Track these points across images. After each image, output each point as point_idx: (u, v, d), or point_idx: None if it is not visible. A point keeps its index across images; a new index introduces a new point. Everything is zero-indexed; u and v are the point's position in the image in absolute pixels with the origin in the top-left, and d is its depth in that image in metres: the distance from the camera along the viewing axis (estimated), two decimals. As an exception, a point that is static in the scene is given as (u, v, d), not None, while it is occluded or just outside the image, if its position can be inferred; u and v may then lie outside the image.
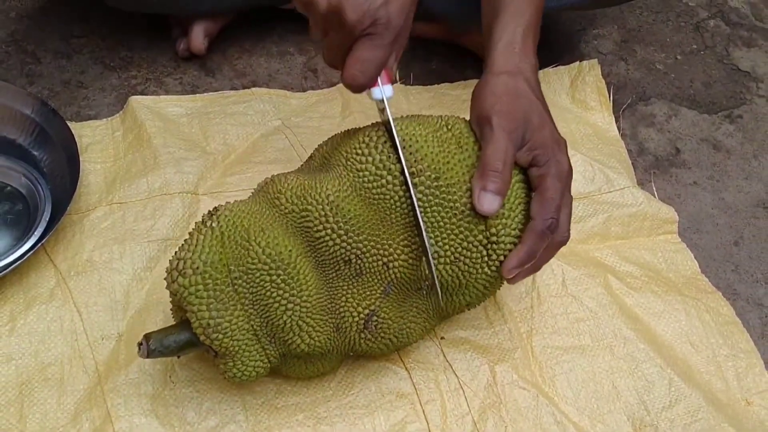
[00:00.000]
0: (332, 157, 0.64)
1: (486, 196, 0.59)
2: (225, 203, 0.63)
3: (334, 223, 0.59)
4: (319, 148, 0.68)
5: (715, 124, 1.05)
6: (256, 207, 0.62)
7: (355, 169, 0.60)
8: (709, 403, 0.74)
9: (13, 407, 0.65)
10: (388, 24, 0.56)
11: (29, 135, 0.83)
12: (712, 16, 1.22)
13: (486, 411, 0.70)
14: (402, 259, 0.61)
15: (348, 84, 0.58)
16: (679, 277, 0.84)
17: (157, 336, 0.60)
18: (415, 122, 0.63)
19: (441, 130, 0.62)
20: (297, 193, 0.61)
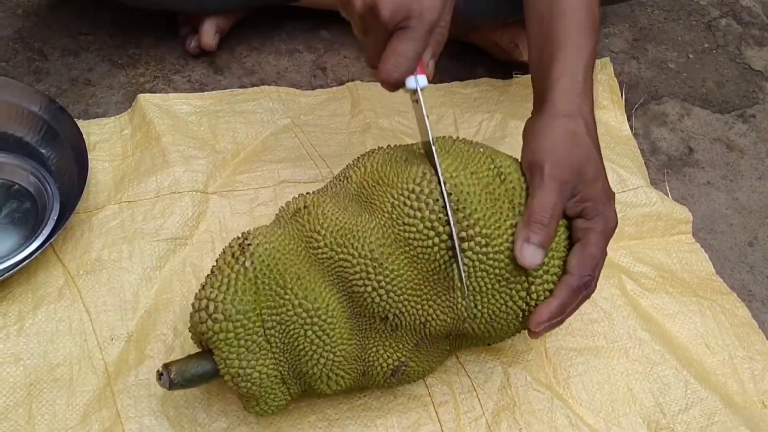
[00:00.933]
0: (375, 194, 0.60)
1: (529, 248, 0.57)
2: (254, 231, 0.59)
3: (375, 281, 0.57)
4: (356, 167, 0.63)
5: (728, 124, 1.04)
6: (291, 244, 0.59)
7: (402, 222, 0.57)
8: (726, 405, 0.73)
9: (21, 408, 0.64)
10: (421, 16, 0.55)
11: (37, 133, 0.82)
12: (723, 14, 1.21)
13: (500, 413, 0.69)
14: (440, 318, 0.59)
15: (383, 79, 0.56)
16: (694, 277, 0.83)
17: (179, 367, 0.58)
18: (464, 166, 0.59)
19: (494, 182, 0.59)
20: (338, 240, 0.58)
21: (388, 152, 0.64)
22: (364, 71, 1.01)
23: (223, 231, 0.77)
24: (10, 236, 0.75)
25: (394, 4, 0.54)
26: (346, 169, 0.65)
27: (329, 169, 0.84)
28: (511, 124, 0.93)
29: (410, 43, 0.55)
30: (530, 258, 0.57)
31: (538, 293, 0.59)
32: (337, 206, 0.60)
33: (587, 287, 0.60)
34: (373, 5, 0.55)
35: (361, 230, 0.58)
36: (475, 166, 0.59)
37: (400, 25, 0.55)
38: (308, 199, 0.62)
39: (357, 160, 0.65)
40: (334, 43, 1.04)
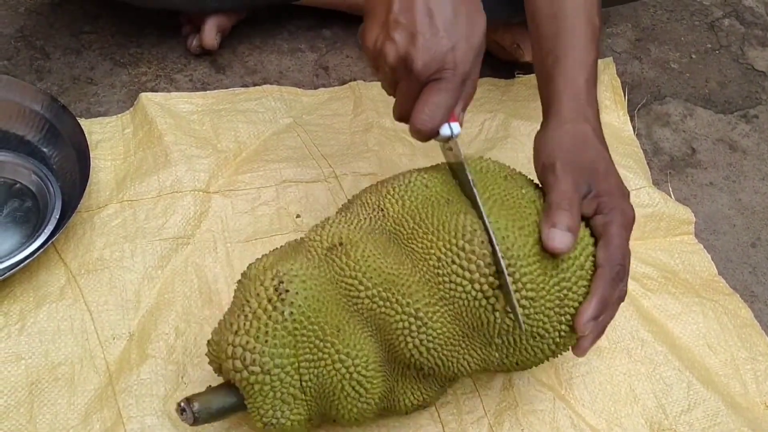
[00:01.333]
0: (416, 238, 0.57)
1: (557, 231, 0.56)
2: (289, 271, 0.55)
3: (417, 339, 0.55)
4: (392, 198, 0.60)
5: (730, 124, 1.04)
6: (330, 290, 0.56)
7: (450, 280, 0.55)
8: (728, 406, 0.73)
9: (23, 407, 0.64)
10: (455, 69, 0.55)
11: (39, 131, 0.82)
12: (726, 15, 1.20)
13: (502, 414, 0.69)
14: (472, 368, 0.59)
15: (416, 129, 0.56)
16: (696, 278, 0.83)
17: (203, 401, 0.55)
18: (513, 219, 0.57)
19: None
20: (381, 294, 0.55)
21: (425, 184, 0.61)
22: (366, 71, 1.00)
23: (225, 230, 0.77)
24: (11, 235, 0.75)
25: (428, 56, 0.54)
26: (377, 193, 0.61)
27: (331, 168, 0.84)
28: (514, 124, 0.93)
29: (444, 95, 0.55)
30: (559, 241, 0.56)
31: (566, 344, 0.60)
32: (376, 248, 0.57)
33: (621, 278, 0.59)
34: (406, 57, 0.54)
35: (406, 284, 0.55)
36: (522, 217, 0.58)
37: (434, 77, 0.55)
38: (343, 234, 0.58)
39: (390, 187, 0.61)
40: (337, 42, 1.04)
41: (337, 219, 0.61)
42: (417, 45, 0.54)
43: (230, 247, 0.76)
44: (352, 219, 0.60)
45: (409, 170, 0.63)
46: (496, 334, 0.57)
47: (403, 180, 0.61)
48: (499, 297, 0.55)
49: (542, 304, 0.56)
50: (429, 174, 0.62)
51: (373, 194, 0.62)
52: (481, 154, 0.89)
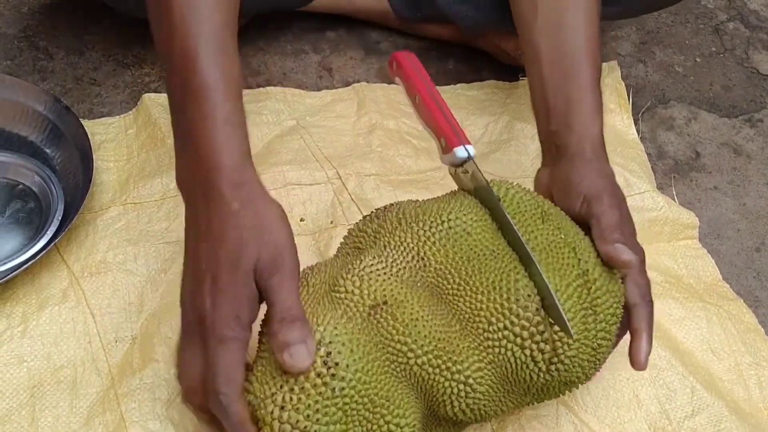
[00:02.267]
0: (463, 298, 0.54)
1: (621, 247, 0.58)
2: (335, 339, 0.51)
3: (464, 403, 0.54)
4: (432, 246, 0.57)
5: (735, 128, 1.04)
6: (377, 357, 0.53)
7: (501, 346, 0.54)
8: (732, 412, 0.73)
9: (24, 410, 0.64)
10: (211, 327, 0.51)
11: (42, 132, 0.82)
12: (731, 18, 1.20)
13: (505, 419, 0.69)
14: (504, 412, 0.59)
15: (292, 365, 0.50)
16: (700, 283, 0.83)
17: None
18: (555, 268, 0.55)
19: (583, 294, 0.56)
20: (432, 362, 0.53)
21: (467, 230, 0.57)
22: (369, 72, 1.00)
23: (229, 233, 0.77)
24: (14, 236, 0.75)
25: None
26: (413, 235, 0.57)
27: (335, 170, 0.84)
28: (518, 127, 0.92)
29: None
30: (627, 253, 0.58)
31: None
32: (422, 307, 0.54)
33: (652, 309, 0.62)
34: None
35: (456, 350, 0.54)
36: (566, 272, 0.56)
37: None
38: (386, 290, 0.55)
39: (429, 232, 0.57)
40: (340, 44, 1.04)
41: (373, 265, 0.56)
42: None
43: (233, 249, 0.76)
44: (390, 267, 0.56)
45: (439, 203, 0.60)
46: (536, 388, 0.57)
47: (441, 222, 0.57)
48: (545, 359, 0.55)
49: (580, 357, 0.56)
50: (467, 215, 0.58)
51: (407, 234, 0.58)
52: (485, 157, 0.89)
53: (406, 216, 0.59)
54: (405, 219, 0.59)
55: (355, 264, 0.57)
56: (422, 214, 0.59)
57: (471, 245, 0.57)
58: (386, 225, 0.60)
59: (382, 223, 0.60)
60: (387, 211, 0.62)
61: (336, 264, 0.59)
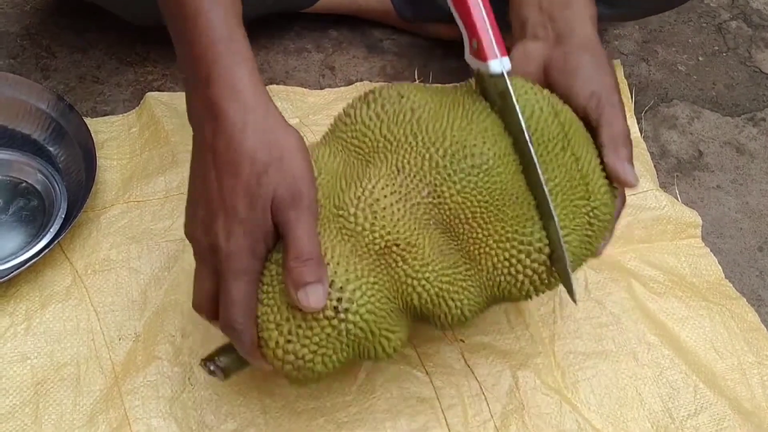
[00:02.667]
0: (475, 239, 0.54)
1: (628, 168, 0.58)
2: (346, 284, 0.52)
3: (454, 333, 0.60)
4: (454, 187, 0.53)
5: (738, 127, 1.04)
6: (385, 294, 0.54)
7: (500, 285, 0.56)
8: (735, 411, 0.73)
9: (28, 408, 0.64)
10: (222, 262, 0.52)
11: (45, 130, 0.82)
12: (734, 17, 1.20)
13: (508, 417, 0.69)
14: None
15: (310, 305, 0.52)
16: (703, 282, 0.83)
17: (225, 355, 0.57)
18: (569, 209, 0.56)
19: (587, 225, 0.57)
20: (434, 300, 0.54)
21: (488, 167, 0.54)
22: (372, 71, 1.00)
23: (232, 231, 0.77)
24: (17, 234, 0.75)
25: None
26: (429, 162, 0.54)
27: (338, 169, 0.84)
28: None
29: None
30: (632, 176, 0.58)
31: None
32: (433, 250, 0.54)
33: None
34: None
35: (459, 290, 0.55)
36: (578, 215, 0.57)
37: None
38: (400, 231, 0.53)
39: (448, 162, 0.54)
40: (343, 42, 1.04)
41: (386, 195, 0.53)
42: None
43: (236, 247, 0.76)
44: (404, 202, 0.54)
45: (461, 121, 0.55)
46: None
47: (464, 157, 0.54)
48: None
49: None
50: (491, 149, 0.54)
51: (426, 161, 0.54)
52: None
53: (422, 129, 0.55)
54: (422, 134, 0.55)
55: (365, 184, 0.54)
56: (442, 137, 0.54)
57: (491, 187, 0.54)
58: (398, 134, 0.55)
59: (393, 128, 0.56)
60: (398, 109, 0.57)
61: (338, 170, 0.56)
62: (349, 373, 0.69)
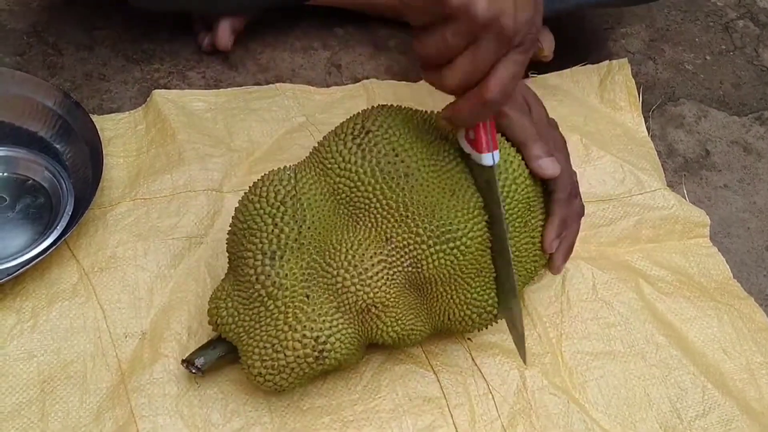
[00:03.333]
0: (438, 300, 0.63)
1: (543, 160, 0.63)
2: (329, 338, 0.60)
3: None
4: (431, 261, 0.60)
5: (745, 126, 1.03)
6: (357, 340, 0.62)
7: None
8: (743, 412, 0.72)
9: (34, 405, 0.64)
10: (535, 40, 0.52)
11: (51, 128, 0.82)
12: (741, 16, 1.19)
13: (516, 417, 0.69)
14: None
15: (489, 100, 0.52)
16: (711, 282, 0.83)
17: (203, 354, 0.64)
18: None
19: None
20: (394, 341, 0.64)
21: (464, 242, 0.60)
22: (379, 69, 1.00)
23: (238, 229, 0.77)
24: (24, 232, 0.75)
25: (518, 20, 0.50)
26: (416, 240, 0.60)
27: (345, 168, 0.84)
28: (528, 125, 0.92)
29: (519, 69, 0.53)
30: (552, 167, 0.63)
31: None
32: (404, 308, 0.62)
33: (575, 195, 0.68)
34: (498, 15, 0.48)
35: (416, 332, 0.65)
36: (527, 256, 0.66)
37: (519, 44, 0.51)
38: (382, 295, 0.60)
39: (432, 233, 0.59)
40: (349, 40, 1.03)
41: (374, 264, 0.60)
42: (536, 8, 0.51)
43: (243, 246, 0.76)
44: (389, 270, 0.60)
45: (448, 197, 0.60)
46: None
47: (448, 231, 0.59)
48: None
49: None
50: (473, 226, 0.60)
51: (412, 234, 0.59)
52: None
53: (414, 203, 0.60)
54: (413, 207, 0.60)
55: (355, 248, 0.60)
56: (431, 214, 0.59)
57: (463, 262, 0.61)
58: (391, 200, 0.60)
59: (387, 192, 0.60)
60: (393, 171, 0.60)
61: (327, 216, 0.61)
62: (355, 371, 0.69)
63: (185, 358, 0.63)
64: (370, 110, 0.64)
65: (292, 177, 0.62)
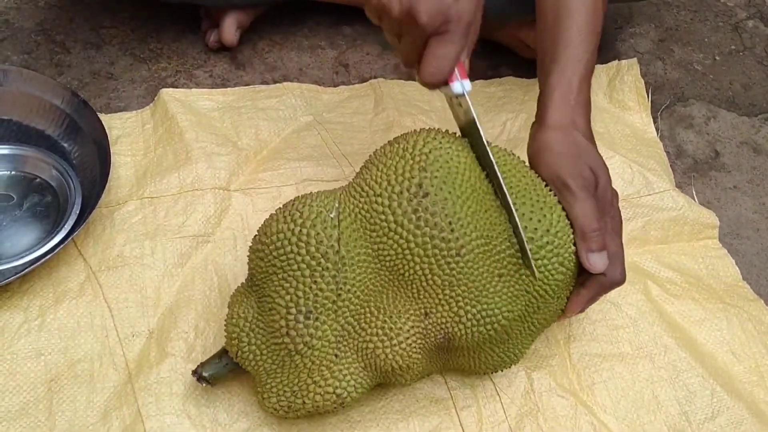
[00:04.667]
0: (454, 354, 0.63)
1: (594, 256, 0.61)
2: (348, 389, 0.59)
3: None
4: (463, 331, 0.59)
5: (754, 127, 1.02)
6: (370, 385, 0.61)
7: None
8: (752, 414, 0.72)
9: (42, 404, 0.64)
10: (459, 20, 0.56)
11: (59, 126, 0.82)
12: (750, 16, 1.19)
13: (523, 419, 0.68)
14: None
15: (426, 82, 0.59)
16: (720, 283, 0.82)
17: (210, 366, 0.63)
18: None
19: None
20: (413, 380, 0.63)
21: (497, 318, 0.59)
22: (386, 68, 1.00)
23: (245, 229, 0.77)
24: (31, 230, 0.75)
25: (432, 9, 0.56)
26: (449, 313, 0.59)
27: (352, 167, 0.83)
28: (536, 125, 0.92)
29: (450, 47, 0.57)
30: (601, 263, 0.61)
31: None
32: (423, 367, 0.62)
33: (618, 284, 0.64)
34: (410, 10, 0.56)
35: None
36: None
37: (439, 29, 0.57)
38: (407, 362, 0.60)
39: (464, 315, 0.59)
40: (357, 39, 1.03)
41: (409, 337, 0.59)
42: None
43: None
44: (421, 341, 0.59)
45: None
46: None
47: (481, 314, 0.59)
48: None
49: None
50: (507, 312, 0.60)
51: (449, 311, 0.58)
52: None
53: (459, 283, 0.58)
54: (458, 289, 0.58)
55: (394, 321, 0.59)
56: (472, 298, 0.58)
57: (492, 334, 0.60)
58: (438, 277, 0.58)
59: (435, 269, 0.57)
60: (446, 248, 0.57)
61: (368, 279, 0.58)
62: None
63: (194, 369, 0.63)
64: (427, 149, 0.59)
65: (336, 225, 0.58)
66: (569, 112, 0.65)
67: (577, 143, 0.64)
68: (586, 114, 0.67)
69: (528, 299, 0.60)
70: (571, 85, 0.66)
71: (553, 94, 0.66)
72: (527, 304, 0.60)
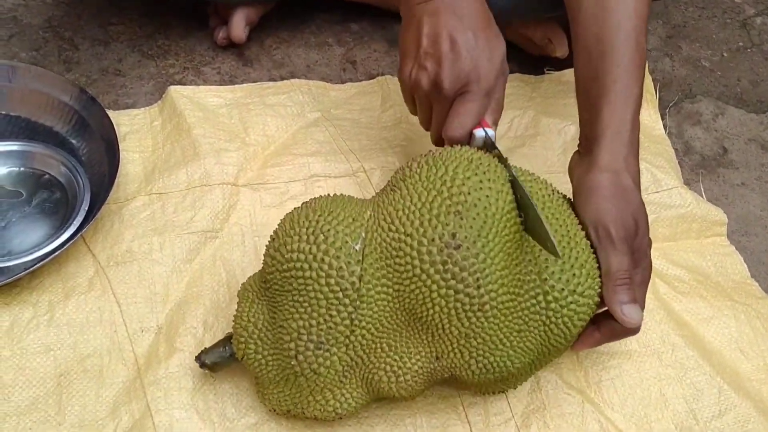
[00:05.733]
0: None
1: (629, 308, 0.59)
2: (351, 408, 0.61)
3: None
4: (476, 371, 0.58)
5: (763, 124, 1.02)
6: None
7: None
8: (760, 412, 0.72)
9: (51, 398, 0.64)
10: (478, 81, 0.65)
11: (67, 123, 0.82)
12: (759, 13, 1.18)
13: (530, 416, 0.68)
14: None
15: (450, 136, 0.66)
16: (728, 281, 0.82)
17: (212, 353, 0.63)
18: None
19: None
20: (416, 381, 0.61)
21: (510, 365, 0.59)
22: (393, 65, 1.00)
23: (254, 224, 0.77)
24: (40, 226, 0.75)
25: (453, 76, 0.65)
26: (457, 354, 0.58)
27: (360, 163, 0.84)
28: (544, 122, 0.92)
29: (470, 105, 0.66)
30: (635, 316, 0.59)
31: None
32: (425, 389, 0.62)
33: (634, 333, 0.63)
34: (436, 79, 0.65)
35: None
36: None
37: (460, 91, 0.66)
38: (408, 395, 0.60)
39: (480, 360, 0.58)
40: (364, 36, 1.03)
41: (418, 368, 0.59)
42: (444, 68, 0.64)
43: (258, 241, 0.76)
44: (427, 377, 0.60)
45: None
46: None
47: (493, 366, 0.58)
48: None
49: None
50: (518, 359, 0.58)
51: (460, 358, 0.58)
52: (511, 152, 0.88)
53: (479, 333, 0.56)
54: (476, 338, 0.57)
55: (404, 360, 0.58)
56: (493, 346, 0.57)
57: (498, 376, 0.59)
58: (456, 331, 0.56)
59: (454, 311, 0.56)
60: (470, 310, 0.55)
61: (384, 317, 0.57)
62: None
63: (198, 355, 0.64)
64: (466, 187, 0.56)
65: (360, 261, 0.56)
66: (622, 151, 0.63)
67: (625, 188, 0.62)
68: (636, 153, 0.65)
69: (541, 350, 0.59)
70: (625, 123, 0.64)
71: (605, 132, 0.63)
72: (539, 353, 0.60)
